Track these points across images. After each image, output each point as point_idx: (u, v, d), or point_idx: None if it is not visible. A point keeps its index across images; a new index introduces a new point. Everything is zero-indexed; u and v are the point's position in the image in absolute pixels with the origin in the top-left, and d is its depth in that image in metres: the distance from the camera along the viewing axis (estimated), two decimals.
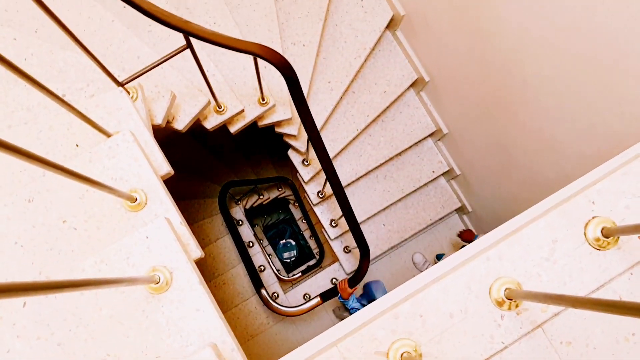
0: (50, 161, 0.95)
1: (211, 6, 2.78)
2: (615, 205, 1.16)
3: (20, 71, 1.08)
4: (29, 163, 0.91)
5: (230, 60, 2.76)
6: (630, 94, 1.98)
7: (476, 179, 3.81)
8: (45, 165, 0.94)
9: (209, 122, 2.61)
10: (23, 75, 1.09)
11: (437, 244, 4.40)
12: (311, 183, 3.82)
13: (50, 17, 1.35)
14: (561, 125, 2.50)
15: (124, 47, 2.35)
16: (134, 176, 1.50)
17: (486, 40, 2.65)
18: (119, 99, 1.76)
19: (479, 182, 3.80)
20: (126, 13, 2.54)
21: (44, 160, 0.94)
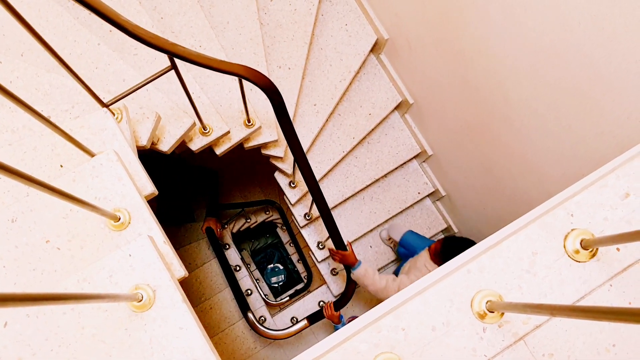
0: (34, 178, 0.96)
1: (197, 30, 2.82)
2: (594, 218, 1.18)
3: (7, 91, 1.09)
4: (13, 179, 0.91)
5: (216, 82, 2.78)
6: (608, 114, 2.03)
7: (461, 199, 3.83)
8: (29, 182, 0.94)
9: (194, 143, 2.62)
10: (9, 96, 1.10)
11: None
12: (298, 205, 3.83)
13: (37, 40, 1.36)
14: (543, 146, 2.54)
15: (109, 70, 2.37)
16: (117, 195, 1.50)
17: (468, 63, 2.71)
18: (104, 119, 1.76)
19: (464, 203, 3.82)
20: (112, 37, 2.57)
21: (28, 177, 0.94)
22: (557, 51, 2.08)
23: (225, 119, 2.69)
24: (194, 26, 2.83)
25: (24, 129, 1.95)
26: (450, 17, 2.65)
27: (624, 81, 1.88)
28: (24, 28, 1.31)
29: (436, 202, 4.21)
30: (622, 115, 1.97)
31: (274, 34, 3.26)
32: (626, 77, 1.86)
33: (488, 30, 2.42)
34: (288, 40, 3.25)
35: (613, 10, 1.74)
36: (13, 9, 1.24)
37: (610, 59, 1.87)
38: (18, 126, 1.95)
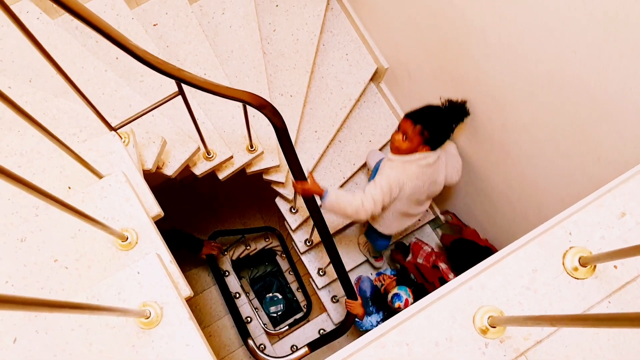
0: (48, 193, 0.99)
1: (201, 58, 2.89)
2: (591, 236, 1.21)
3: (23, 112, 1.14)
4: (29, 193, 0.95)
5: (220, 109, 2.84)
6: (605, 140, 2.07)
7: None
8: (44, 197, 0.98)
9: (198, 168, 2.66)
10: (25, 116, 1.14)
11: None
12: (299, 231, 3.85)
13: (52, 64, 1.41)
14: (541, 172, 2.58)
15: (116, 96, 2.43)
16: (125, 216, 1.53)
17: (467, 91, 2.77)
18: (112, 143, 1.81)
19: None
20: (118, 64, 2.63)
21: (43, 191, 0.97)
22: (554, 79, 2.14)
23: (228, 144, 2.74)
24: (198, 54, 2.90)
25: (32, 152, 2.00)
26: (449, 47, 2.72)
27: (620, 108, 1.93)
28: (40, 53, 1.37)
29: (436, 229, 4.23)
30: (618, 140, 2.02)
31: (277, 62, 3.34)
32: (622, 103, 1.91)
33: (486, 59, 2.49)
34: (290, 69, 3.33)
35: (608, 39, 1.80)
36: (31, 35, 1.29)
37: (606, 86, 1.93)
38: (27, 149, 1.99)
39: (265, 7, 3.44)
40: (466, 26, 2.49)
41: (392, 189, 2.64)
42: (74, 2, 1.32)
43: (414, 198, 2.81)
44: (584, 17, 1.83)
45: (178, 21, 2.95)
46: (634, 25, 1.67)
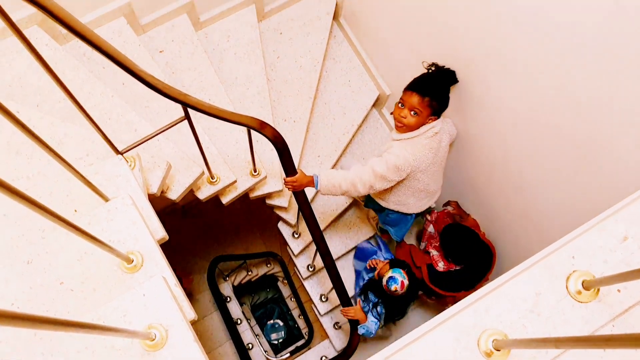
0: (55, 213, 1.01)
1: (207, 84, 2.94)
2: (594, 260, 1.22)
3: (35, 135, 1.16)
4: (37, 213, 0.96)
5: (224, 134, 2.87)
6: (606, 165, 2.09)
7: None
8: (50, 216, 0.99)
9: (202, 192, 2.68)
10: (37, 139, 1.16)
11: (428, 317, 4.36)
12: (301, 256, 3.84)
13: (61, 88, 1.44)
14: (543, 199, 2.60)
15: (122, 121, 2.46)
16: (131, 238, 1.55)
17: (468, 118, 2.80)
18: (118, 166, 1.83)
19: None
20: (125, 89, 2.68)
21: (49, 210, 0.99)
22: (555, 105, 2.17)
23: (232, 168, 2.77)
24: (203, 81, 2.95)
25: (38, 175, 2.01)
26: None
27: (621, 133, 1.95)
28: (51, 78, 1.40)
29: None
30: (620, 166, 2.03)
31: (280, 89, 3.38)
32: (622, 128, 1.93)
33: (487, 85, 2.52)
34: (293, 95, 3.37)
35: (609, 65, 1.83)
36: (43, 60, 1.32)
37: (606, 113, 1.95)
38: (33, 172, 2.01)
39: (270, 35, 3.50)
40: (467, 54, 2.53)
41: (400, 170, 2.52)
42: (86, 29, 1.35)
43: (430, 171, 2.69)
44: (585, 45, 1.87)
45: (184, 48, 3.00)
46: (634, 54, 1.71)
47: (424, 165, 2.59)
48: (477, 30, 2.39)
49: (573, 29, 1.89)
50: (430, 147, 2.57)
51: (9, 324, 0.68)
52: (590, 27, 1.81)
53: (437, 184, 2.92)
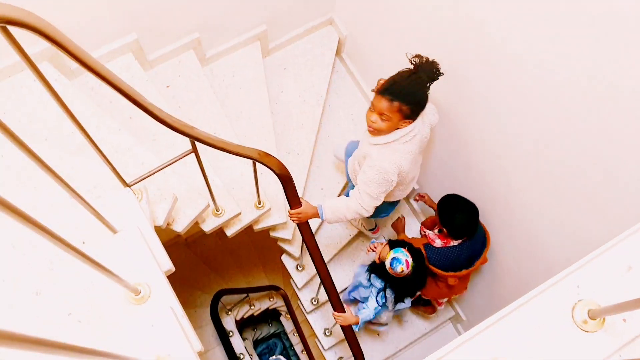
0: (69, 243, 1.03)
1: (212, 118, 2.99)
2: (599, 290, 1.23)
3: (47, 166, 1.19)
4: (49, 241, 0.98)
5: (228, 166, 2.91)
6: (609, 199, 2.11)
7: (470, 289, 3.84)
8: (67, 246, 1.01)
9: (207, 224, 2.69)
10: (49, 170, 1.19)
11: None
12: (305, 289, 3.83)
13: (73, 121, 1.48)
14: (547, 232, 2.61)
15: (128, 154, 2.49)
16: (138, 270, 1.56)
17: (471, 152, 2.84)
18: (126, 198, 1.86)
19: (472, 293, 3.82)
20: (132, 123, 2.72)
21: (65, 241, 1.01)
22: (556, 139, 2.20)
23: (236, 200, 2.79)
24: (209, 115, 3.00)
25: (46, 207, 2.04)
26: (457, 111, 2.80)
27: (622, 166, 1.98)
28: (64, 112, 1.44)
29: None
30: (622, 199, 2.05)
31: (284, 122, 3.44)
32: (624, 162, 1.96)
33: (491, 119, 2.56)
34: (297, 128, 3.42)
35: (608, 101, 1.86)
36: (57, 95, 1.36)
37: (607, 146, 1.98)
38: (41, 204, 2.04)
39: (274, 70, 3.57)
40: (469, 90, 2.58)
41: (387, 180, 2.41)
42: (96, 63, 1.39)
43: (413, 163, 2.58)
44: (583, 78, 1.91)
45: (190, 83, 3.07)
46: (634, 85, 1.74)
47: (407, 168, 2.48)
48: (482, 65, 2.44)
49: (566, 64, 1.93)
50: (409, 150, 2.44)
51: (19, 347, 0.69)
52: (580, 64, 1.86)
53: (417, 169, 2.83)
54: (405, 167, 2.44)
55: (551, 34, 1.95)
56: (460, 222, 2.94)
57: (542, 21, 1.95)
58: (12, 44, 1.15)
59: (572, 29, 1.85)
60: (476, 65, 2.46)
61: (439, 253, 3.02)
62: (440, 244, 3.03)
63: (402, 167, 2.43)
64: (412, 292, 3.11)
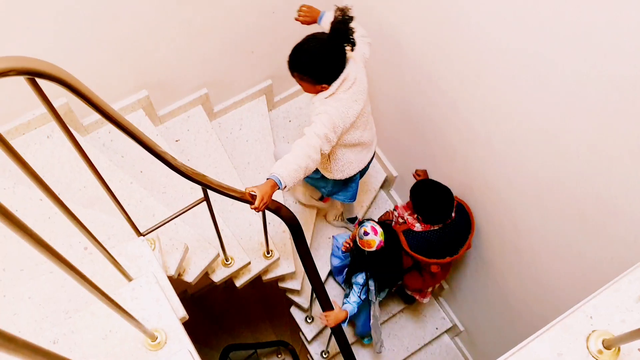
0: (93, 283, 1.06)
1: (221, 169, 3.06)
2: (612, 320, 1.24)
3: (72, 214, 1.23)
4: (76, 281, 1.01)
5: (237, 216, 2.95)
6: (615, 237, 2.13)
7: (479, 333, 3.80)
8: (90, 286, 1.04)
9: (216, 274, 2.72)
10: (74, 219, 1.24)
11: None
12: (314, 342, 3.79)
13: (94, 174, 1.55)
14: (556, 273, 2.61)
15: (140, 206, 2.54)
16: (155, 316, 1.57)
17: (477, 195, 2.88)
18: (141, 247, 1.89)
19: (482, 337, 3.78)
20: (143, 176, 2.79)
21: (90, 282, 1.04)
22: (560, 180, 2.24)
23: (246, 250, 2.82)
24: (218, 166, 3.07)
25: None
26: (457, 153, 2.87)
27: (625, 205, 2.01)
28: (87, 166, 1.50)
29: (455, 337, 4.16)
30: (628, 237, 2.07)
31: None
32: (627, 200, 1.99)
33: (492, 164, 2.62)
34: None
35: (607, 140, 1.91)
36: (82, 150, 1.42)
37: (610, 184, 2.02)
38: None
39: (279, 122, 3.67)
40: (472, 134, 2.65)
41: (335, 125, 2.28)
42: (119, 115, 1.46)
43: (360, 122, 2.47)
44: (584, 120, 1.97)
45: (199, 137, 3.15)
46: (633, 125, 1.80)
47: (352, 117, 2.35)
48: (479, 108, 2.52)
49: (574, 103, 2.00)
50: (353, 99, 2.34)
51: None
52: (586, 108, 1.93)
53: (371, 133, 2.69)
54: (353, 113, 2.35)
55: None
56: (433, 207, 2.86)
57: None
58: (40, 96, 1.21)
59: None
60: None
61: (420, 238, 2.90)
62: (421, 228, 2.91)
63: (350, 114, 2.33)
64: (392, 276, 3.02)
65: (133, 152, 2.82)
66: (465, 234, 2.95)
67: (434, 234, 2.88)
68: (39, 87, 1.19)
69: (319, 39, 2.24)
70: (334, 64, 2.25)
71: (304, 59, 2.26)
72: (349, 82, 2.29)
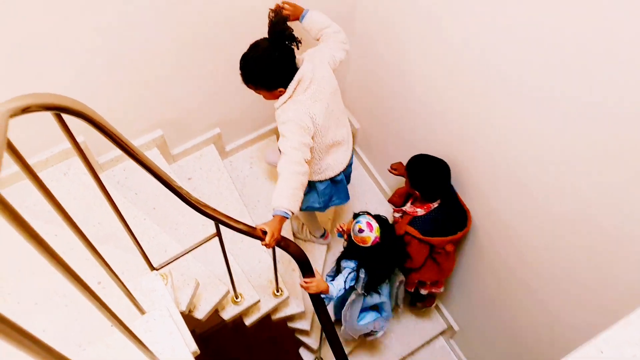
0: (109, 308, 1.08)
1: (231, 207, 3.10)
2: (623, 354, 1.25)
3: (94, 248, 1.27)
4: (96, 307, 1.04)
5: (247, 253, 2.97)
6: (624, 278, 2.14)
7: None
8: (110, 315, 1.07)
9: (226, 312, 2.72)
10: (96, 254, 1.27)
11: None
12: None
13: (114, 210, 1.60)
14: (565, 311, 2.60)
15: (153, 242, 2.58)
16: (168, 349, 1.59)
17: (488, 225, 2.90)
18: (154, 282, 1.92)
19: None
20: (156, 213, 2.83)
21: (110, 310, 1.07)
22: (568, 219, 2.26)
23: (255, 288, 2.83)
24: (228, 204, 3.11)
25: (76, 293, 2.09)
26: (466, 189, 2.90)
27: (634, 244, 2.02)
28: (107, 202, 1.55)
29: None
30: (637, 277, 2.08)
31: None
32: (635, 239, 2.01)
33: (502, 201, 2.65)
34: None
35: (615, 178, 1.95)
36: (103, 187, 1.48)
37: (618, 224, 2.04)
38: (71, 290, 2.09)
39: None
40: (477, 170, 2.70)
41: (301, 126, 2.24)
42: (138, 151, 1.52)
43: (331, 121, 2.43)
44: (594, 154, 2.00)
45: (211, 175, 3.22)
46: None
47: (321, 117, 2.32)
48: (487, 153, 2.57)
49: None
50: (313, 99, 2.30)
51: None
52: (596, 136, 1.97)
53: (346, 130, 2.66)
54: (317, 112, 2.30)
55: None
56: (432, 179, 2.82)
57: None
58: (65, 131, 1.27)
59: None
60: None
61: (427, 220, 2.87)
62: (423, 212, 2.88)
63: (314, 113, 2.29)
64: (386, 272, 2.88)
65: (147, 190, 2.88)
66: (461, 209, 2.93)
67: (437, 212, 2.86)
68: (64, 123, 1.25)
69: (261, 46, 2.22)
70: (282, 67, 2.23)
71: (252, 69, 2.24)
72: (304, 83, 2.26)
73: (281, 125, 2.27)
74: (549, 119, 2.10)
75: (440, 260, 3.08)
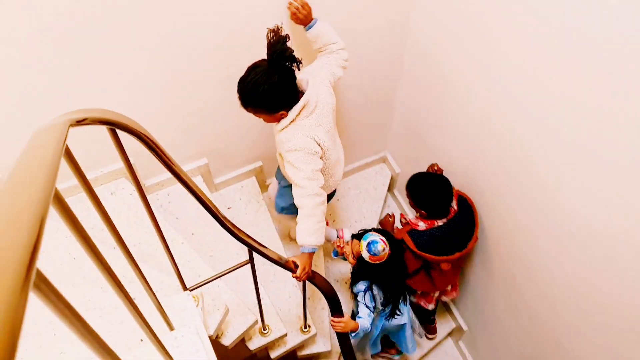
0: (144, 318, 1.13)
1: (267, 239, 3.13)
2: None
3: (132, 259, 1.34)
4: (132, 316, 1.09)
5: (277, 286, 3.01)
6: None
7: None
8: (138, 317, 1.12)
9: (253, 342, 2.73)
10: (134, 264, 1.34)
11: None
12: None
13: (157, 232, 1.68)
14: None
15: (188, 266, 2.64)
16: None
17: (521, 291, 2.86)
18: (185, 301, 1.97)
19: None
20: (193, 238, 2.91)
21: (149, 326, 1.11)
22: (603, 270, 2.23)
23: (283, 322, 2.84)
24: (264, 235, 3.15)
25: (109, 307, 2.16)
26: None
27: None
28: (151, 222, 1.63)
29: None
30: None
31: None
32: None
33: (537, 256, 2.62)
34: None
35: None
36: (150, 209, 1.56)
37: None
38: (105, 304, 2.17)
39: None
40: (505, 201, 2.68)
41: (310, 152, 2.20)
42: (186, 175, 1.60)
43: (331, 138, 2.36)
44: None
45: (249, 206, 3.29)
46: None
47: (325, 138, 2.27)
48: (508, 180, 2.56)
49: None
50: (317, 124, 2.25)
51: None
52: None
53: (339, 146, 2.61)
54: (321, 136, 2.25)
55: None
56: (432, 196, 2.79)
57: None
58: (117, 146, 1.35)
59: None
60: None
61: (426, 236, 2.82)
62: (425, 227, 2.83)
63: (319, 138, 2.24)
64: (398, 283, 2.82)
65: (187, 216, 2.97)
66: (470, 226, 2.88)
67: (438, 230, 2.82)
68: (118, 139, 1.33)
69: (260, 68, 2.10)
70: (283, 89, 2.14)
71: (251, 92, 2.13)
72: (309, 108, 2.20)
73: (287, 154, 2.23)
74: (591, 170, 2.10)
75: (434, 276, 3.05)
